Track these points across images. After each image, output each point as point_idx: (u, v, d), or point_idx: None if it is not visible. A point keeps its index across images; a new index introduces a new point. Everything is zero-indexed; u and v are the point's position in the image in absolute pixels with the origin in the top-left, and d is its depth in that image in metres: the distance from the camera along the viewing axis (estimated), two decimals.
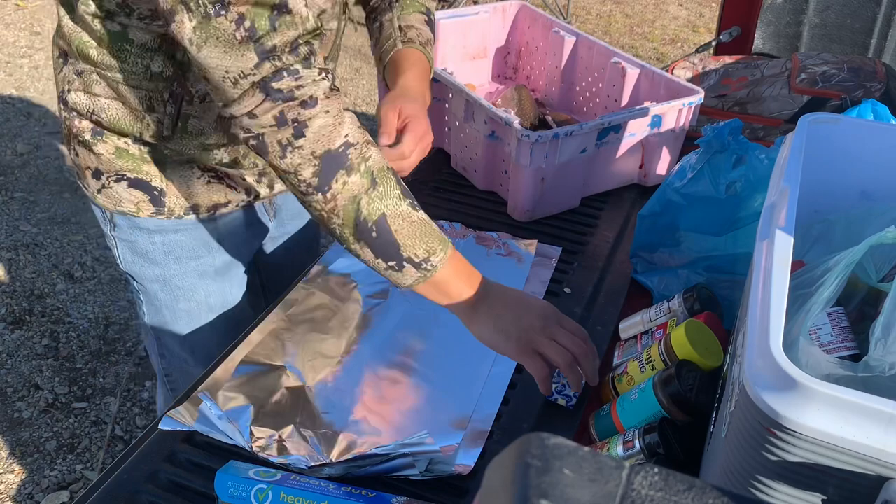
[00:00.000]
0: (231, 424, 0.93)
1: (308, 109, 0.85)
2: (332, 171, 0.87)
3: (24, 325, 2.46)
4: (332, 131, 0.87)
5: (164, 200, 1.13)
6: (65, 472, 2.04)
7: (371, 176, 0.88)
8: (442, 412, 0.98)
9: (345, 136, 0.87)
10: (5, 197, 3.02)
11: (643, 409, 0.91)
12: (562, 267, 1.26)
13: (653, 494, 0.32)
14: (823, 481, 0.58)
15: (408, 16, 1.22)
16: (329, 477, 0.89)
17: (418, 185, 1.48)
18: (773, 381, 0.58)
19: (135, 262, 1.20)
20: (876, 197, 0.93)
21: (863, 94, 1.45)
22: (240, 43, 0.81)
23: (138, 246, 1.17)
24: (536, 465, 0.32)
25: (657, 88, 1.46)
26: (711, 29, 4.75)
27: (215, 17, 0.80)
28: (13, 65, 3.92)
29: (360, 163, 0.88)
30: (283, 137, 0.86)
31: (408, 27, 1.21)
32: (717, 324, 1.01)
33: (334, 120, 0.87)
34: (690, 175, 1.14)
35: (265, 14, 0.81)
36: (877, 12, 1.84)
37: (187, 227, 1.17)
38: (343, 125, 0.87)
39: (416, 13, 1.23)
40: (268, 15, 0.81)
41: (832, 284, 0.72)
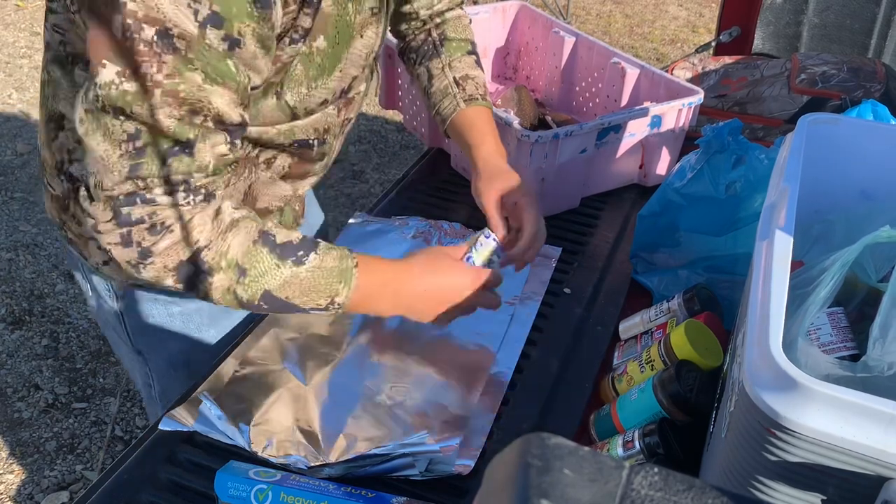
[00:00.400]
0: (231, 425, 0.93)
1: (155, 236, 0.79)
2: (193, 277, 0.83)
3: (24, 325, 2.46)
4: (178, 246, 0.81)
5: None
6: (65, 472, 2.04)
7: (236, 266, 0.83)
8: (442, 412, 0.98)
9: (195, 243, 0.81)
10: (5, 197, 3.02)
11: (643, 410, 0.91)
12: (562, 267, 1.26)
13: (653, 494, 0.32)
14: (823, 481, 0.58)
15: (458, 62, 1.17)
16: (329, 477, 0.89)
17: (418, 186, 1.48)
18: (773, 381, 0.58)
19: (149, 337, 1.12)
20: (876, 197, 0.94)
21: (862, 95, 1.45)
22: (119, 156, 0.75)
23: (154, 319, 1.10)
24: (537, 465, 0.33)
25: (657, 89, 1.46)
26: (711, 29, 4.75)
27: (111, 117, 0.74)
28: (13, 65, 3.92)
29: (220, 260, 0.82)
30: (129, 258, 0.81)
31: (463, 79, 1.16)
32: (717, 324, 1.01)
33: (181, 234, 0.80)
34: (690, 175, 1.14)
35: (163, 144, 0.75)
36: (876, 13, 1.84)
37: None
38: (191, 234, 0.81)
39: (464, 55, 1.18)
40: (165, 146, 0.76)
41: (829, 284, 0.72)
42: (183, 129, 0.75)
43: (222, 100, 0.76)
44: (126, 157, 0.75)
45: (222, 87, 0.76)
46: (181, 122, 0.75)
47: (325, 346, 1.07)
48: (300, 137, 0.98)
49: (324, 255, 0.88)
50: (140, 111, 0.73)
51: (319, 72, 0.91)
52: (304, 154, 1.02)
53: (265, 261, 0.84)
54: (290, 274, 0.85)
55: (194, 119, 0.76)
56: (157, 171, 0.77)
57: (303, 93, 0.91)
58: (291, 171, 1.04)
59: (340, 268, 0.88)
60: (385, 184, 3.14)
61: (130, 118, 0.74)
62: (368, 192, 3.15)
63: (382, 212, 1.40)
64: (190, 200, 0.80)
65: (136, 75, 0.72)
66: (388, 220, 1.36)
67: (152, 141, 0.75)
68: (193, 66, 0.73)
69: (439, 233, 1.31)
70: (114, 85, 0.72)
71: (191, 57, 0.72)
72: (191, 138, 0.76)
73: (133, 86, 0.72)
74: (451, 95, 1.15)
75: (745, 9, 2.02)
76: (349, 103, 1.03)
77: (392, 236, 1.30)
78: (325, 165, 1.10)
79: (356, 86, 1.01)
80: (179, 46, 0.71)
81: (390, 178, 3.20)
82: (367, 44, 0.97)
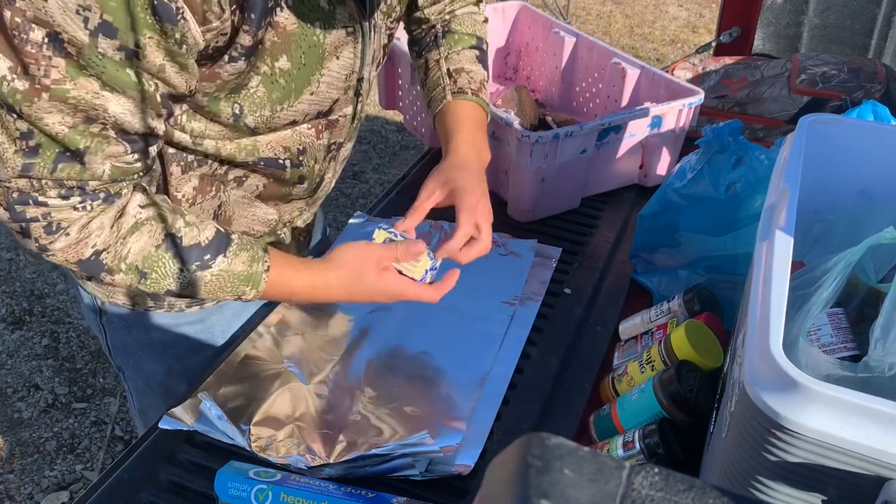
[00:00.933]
0: (231, 424, 0.93)
1: (50, 235, 0.79)
2: (95, 272, 0.83)
3: (24, 325, 2.46)
4: (76, 247, 0.80)
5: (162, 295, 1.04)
6: (65, 472, 2.04)
7: (136, 270, 0.83)
8: (442, 412, 0.98)
9: (92, 246, 0.81)
10: None
11: (643, 410, 0.91)
12: (562, 267, 1.26)
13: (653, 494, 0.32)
14: (823, 481, 0.58)
15: (457, 54, 1.12)
16: (329, 477, 0.89)
17: (418, 186, 1.48)
18: (773, 382, 0.58)
19: (127, 356, 1.11)
20: (876, 197, 0.94)
21: (863, 95, 1.45)
22: (14, 151, 0.73)
23: (132, 341, 1.08)
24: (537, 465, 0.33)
25: (657, 89, 1.46)
26: (711, 30, 4.75)
27: (6, 112, 0.71)
28: None
29: (119, 263, 0.82)
30: (30, 247, 0.80)
31: (457, 71, 1.10)
32: (717, 324, 1.02)
33: (77, 236, 0.79)
34: (690, 176, 1.14)
35: (54, 148, 0.74)
36: (877, 13, 1.84)
37: (190, 320, 1.08)
38: (89, 238, 0.80)
39: (465, 49, 1.12)
40: (56, 150, 0.74)
41: (831, 285, 0.72)
42: (74, 137, 0.73)
43: (121, 108, 0.74)
44: (20, 153, 0.73)
45: (122, 96, 0.73)
46: (73, 130, 0.73)
47: (325, 346, 1.07)
48: (266, 155, 0.93)
49: (233, 258, 0.87)
50: (29, 112, 0.71)
51: (284, 94, 0.86)
52: (276, 174, 0.97)
53: (167, 265, 0.84)
54: (193, 278, 0.85)
55: (90, 127, 0.73)
56: (49, 174, 0.75)
57: (265, 115, 0.87)
58: (267, 192, 1.00)
59: (249, 272, 0.87)
60: (385, 184, 3.14)
61: (21, 117, 0.72)
62: (368, 192, 3.15)
63: (382, 212, 1.39)
64: (86, 204, 0.78)
65: (25, 74, 0.69)
66: (388, 220, 1.35)
67: (44, 143, 0.73)
68: (88, 72, 0.70)
69: (440, 233, 1.31)
70: (5, 81, 0.69)
71: (83, 63, 0.69)
72: (80, 148, 0.74)
73: (23, 84, 0.69)
74: (441, 87, 1.10)
75: (746, 9, 2.02)
76: (332, 125, 0.98)
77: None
78: (308, 189, 1.05)
79: (339, 108, 0.97)
80: (71, 52, 0.68)
81: (390, 178, 3.20)
82: (346, 65, 0.92)
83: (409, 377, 1.03)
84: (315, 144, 0.98)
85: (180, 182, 0.92)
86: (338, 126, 1.00)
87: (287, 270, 0.90)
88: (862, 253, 0.72)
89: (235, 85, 0.83)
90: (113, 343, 1.10)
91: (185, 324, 1.07)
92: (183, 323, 1.07)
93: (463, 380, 1.03)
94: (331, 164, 1.05)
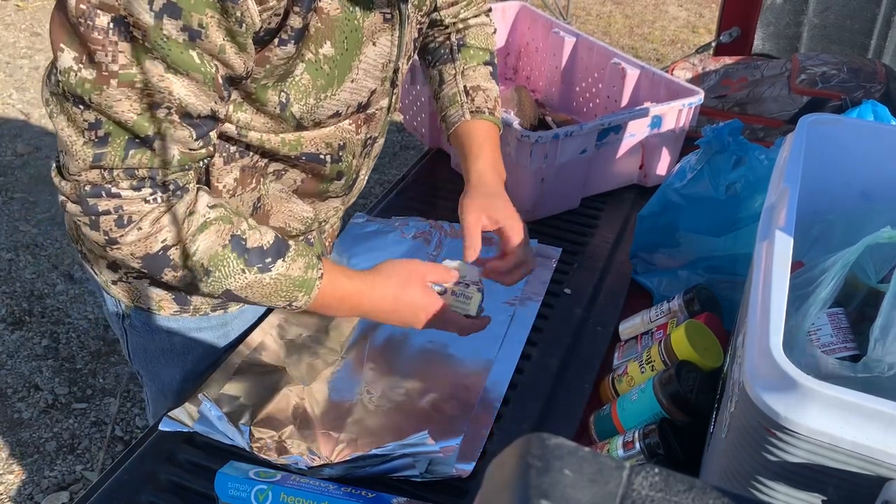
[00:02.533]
0: (231, 425, 0.93)
1: (122, 228, 0.79)
2: (159, 268, 0.83)
3: (24, 325, 2.46)
4: (146, 241, 0.81)
5: (190, 299, 1.04)
6: (65, 472, 2.04)
7: (202, 267, 0.84)
8: (442, 413, 0.98)
9: (162, 241, 0.81)
10: (5, 197, 3.02)
11: (643, 410, 0.91)
12: (562, 267, 1.26)
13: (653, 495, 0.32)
14: (823, 481, 0.58)
15: (472, 70, 1.14)
16: (329, 478, 0.89)
17: (418, 186, 1.48)
18: (773, 382, 0.58)
19: (146, 361, 1.11)
20: (876, 197, 0.94)
21: (863, 95, 1.45)
22: (83, 143, 0.74)
23: (153, 346, 1.08)
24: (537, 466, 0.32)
25: (657, 89, 1.46)
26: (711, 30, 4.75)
27: (72, 105, 0.73)
28: (13, 65, 3.92)
29: (185, 260, 0.83)
30: (97, 240, 0.81)
31: (474, 89, 1.13)
32: (717, 324, 1.01)
33: (149, 230, 0.80)
34: (690, 176, 1.14)
35: (124, 136, 0.75)
36: (876, 13, 1.84)
37: (212, 324, 1.08)
38: (160, 232, 0.81)
39: (480, 65, 1.15)
40: (126, 137, 0.75)
41: (829, 285, 0.72)
42: (143, 123, 0.74)
43: (185, 91, 0.74)
44: (89, 144, 0.74)
45: (186, 78, 0.74)
46: (141, 116, 0.73)
47: (326, 347, 1.07)
48: (308, 150, 0.94)
49: (291, 263, 0.88)
50: (99, 101, 0.72)
51: (328, 81, 0.87)
52: (316, 170, 0.98)
53: (231, 265, 0.85)
54: (253, 279, 0.86)
55: (157, 113, 0.74)
56: (120, 163, 0.76)
57: (310, 104, 0.87)
58: (305, 187, 1.01)
59: (304, 277, 0.89)
60: (385, 184, 3.14)
61: (90, 107, 0.72)
62: (368, 193, 3.14)
63: (382, 212, 1.40)
64: (157, 196, 0.79)
65: (92, 63, 0.70)
66: (388, 220, 1.36)
67: (113, 132, 0.74)
68: (153, 55, 0.71)
69: (440, 233, 1.31)
70: (72, 72, 0.71)
71: (149, 46, 0.70)
72: (150, 134, 0.75)
73: (91, 73, 0.70)
74: (459, 104, 1.12)
75: (746, 9, 2.02)
76: (370, 119, 0.99)
77: (392, 236, 1.30)
78: (345, 186, 1.06)
79: (376, 100, 0.97)
80: (136, 35, 0.69)
81: (390, 177, 3.20)
82: (382, 52, 0.92)
83: (410, 378, 1.03)
84: (354, 140, 0.99)
85: (222, 173, 0.93)
86: (374, 120, 1.01)
87: (339, 277, 0.92)
88: (859, 252, 0.72)
89: (283, 72, 0.83)
90: (134, 348, 1.11)
91: (206, 328, 1.08)
92: (204, 327, 1.08)
93: (463, 380, 1.03)
94: (365, 161, 1.07)
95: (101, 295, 1.08)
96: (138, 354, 1.11)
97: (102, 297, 1.08)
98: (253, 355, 1.05)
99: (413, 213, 1.37)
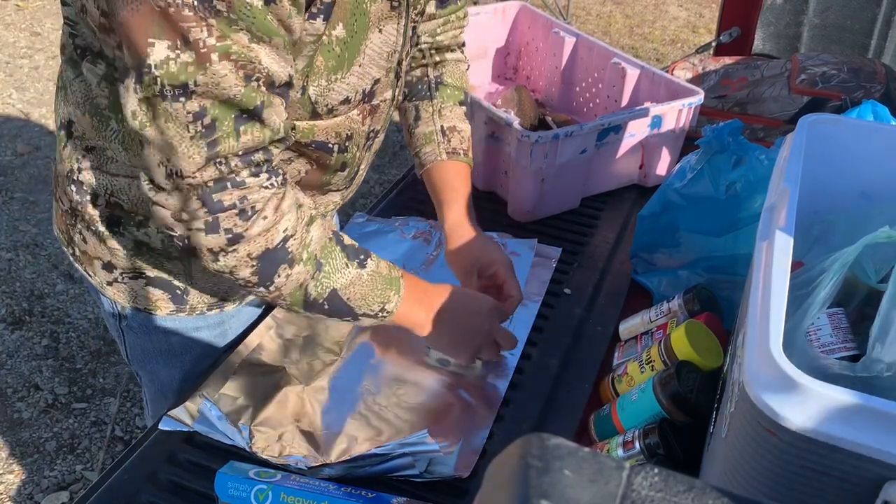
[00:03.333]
0: (230, 425, 0.93)
1: (246, 221, 0.78)
2: (273, 267, 0.82)
3: (24, 325, 2.46)
4: (270, 232, 0.80)
5: (186, 298, 1.03)
6: (65, 472, 2.04)
7: (315, 260, 0.84)
8: (442, 413, 0.98)
9: (283, 231, 0.81)
10: (5, 197, 3.02)
11: (643, 410, 0.91)
12: (562, 267, 1.26)
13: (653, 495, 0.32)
14: (823, 482, 0.58)
15: (449, 111, 1.15)
16: (329, 477, 0.89)
17: (418, 186, 1.48)
18: (773, 382, 0.58)
19: (145, 362, 1.11)
20: (876, 197, 0.94)
21: (863, 95, 1.45)
22: (191, 138, 0.72)
23: (150, 346, 1.08)
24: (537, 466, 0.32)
25: (657, 89, 1.46)
26: (711, 29, 4.75)
27: (171, 101, 0.71)
28: (13, 65, 3.92)
29: (302, 251, 0.83)
30: (214, 245, 0.79)
31: (450, 129, 1.14)
32: (717, 324, 1.01)
33: (273, 218, 0.80)
34: (690, 176, 1.14)
35: (231, 114, 0.73)
36: (877, 13, 1.84)
37: (209, 323, 1.08)
38: (282, 220, 0.81)
39: (456, 105, 1.16)
40: (234, 115, 0.73)
41: (828, 285, 0.72)
42: (250, 94, 0.73)
43: (270, 58, 0.74)
44: (198, 137, 0.73)
45: (268, 46, 0.73)
46: (247, 88, 0.72)
47: (325, 347, 1.07)
48: (319, 139, 0.94)
49: (378, 261, 0.91)
50: (205, 80, 0.70)
51: (339, 63, 0.86)
52: (322, 159, 0.98)
53: (337, 258, 0.86)
54: (355, 275, 0.87)
55: (253, 83, 0.73)
56: (235, 146, 0.75)
57: (322, 85, 0.87)
58: (309, 178, 1.00)
59: (391, 276, 0.92)
60: (385, 184, 3.15)
61: (192, 95, 0.71)
62: (368, 192, 3.15)
63: (382, 212, 1.40)
64: (273, 181, 0.79)
65: (188, 45, 0.68)
66: (389, 220, 1.36)
67: (220, 115, 0.73)
68: (238, 25, 0.70)
69: (440, 233, 1.31)
70: (171, 61, 0.69)
71: (234, 17, 0.69)
72: (258, 105, 0.74)
73: (191, 55, 0.69)
74: (435, 143, 1.13)
75: (746, 9, 2.02)
76: (374, 111, 0.99)
77: (392, 236, 1.30)
78: (347, 179, 1.05)
79: (380, 91, 0.97)
80: (221, 8, 0.68)
81: (390, 177, 3.20)
82: (388, 41, 0.92)
83: (409, 378, 1.03)
84: (360, 130, 1.00)
85: None
86: (378, 112, 1.01)
87: (410, 276, 0.96)
88: (858, 252, 0.72)
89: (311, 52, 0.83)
90: (131, 348, 1.11)
91: (203, 327, 1.08)
92: (202, 326, 1.07)
93: (463, 380, 1.03)
94: (366, 154, 1.07)
95: (97, 297, 1.07)
96: (136, 355, 1.11)
97: (98, 299, 1.08)
98: (252, 355, 1.05)
99: (413, 213, 1.37)
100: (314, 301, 0.86)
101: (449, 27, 1.16)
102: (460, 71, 1.19)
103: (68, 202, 0.98)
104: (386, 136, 1.11)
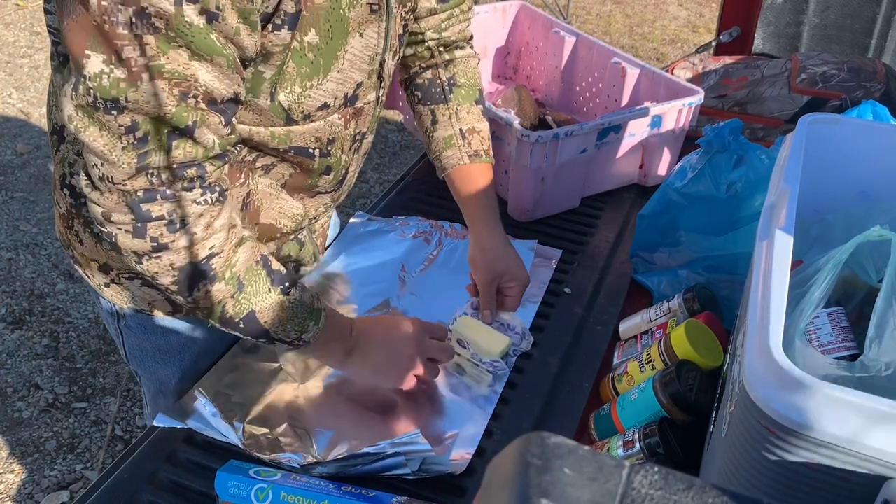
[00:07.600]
0: (224, 422, 0.93)
1: (174, 233, 0.79)
2: (194, 281, 0.82)
3: (24, 325, 2.46)
4: (196, 247, 0.80)
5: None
6: (65, 472, 2.04)
7: (237, 281, 0.84)
8: (436, 412, 0.98)
9: (210, 248, 0.81)
10: (5, 197, 3.02)
11: (643, 409, 0.91)
12: (562, 267, 1.26)
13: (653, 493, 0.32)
14: (823, 481, 0.58)
15: (465, 112, 1.15)
16: (321, 475, 0.89)
17: (418, 186, 1.48)
18: (772, 381, 0.58)
19: (143, 361, 1.11)
20: (875, 197, 0.94)
21: (863, 95, 1.45)
22: (122, 148, 0.73)
23: (149, 345, 1.08)
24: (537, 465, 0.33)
25: (657, 89, 1.46)
26: (711, 29, 4.75)
27: (104, 112, 0.72)
28: (13, 65, 3.92)
29: (225, 271, 0.83)
30: (139, 248, 0.79)
31: (470, 132, 1.14)
32: (717, 324, 1.02)
33: (202, 234, 0.80)
34: (691, 175, 1.14)
35: (163, 130, 0.74)
36: (877, 13, 1.84)
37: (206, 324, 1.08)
38: (211, 238, 0.81)
39: (472, 105, 1.16)
40: (166, 131, 0.74)
41: (822, 284, 0.72)
42: (181, 114, 0.74)
43: (210, 76, 0.74)
44: (129, 148, 0.74)
45: (209, 63, 0.73)
46: (178, 108, 0.73)
47: None
48: (297, 144, 0.94)
49: (302, 291, 0.90)
50: (136, 97, 0.71)
51: (313, 70, 0.86)
52: (304, 163, 0.98)
53: (261, 281, 0.86)
54: (276, 300, 0.87)
55: (188, 101, 0.74)
56: (164, 160, 0.75)
57: (296, 92, 0.87)
58: (294, 182, 1.00)
59: (313, 307, 0.91)
60: (385, 183, 3.14)
61: (124, 110, 0.72)
62: (368, 192, 3.15)
63: (382, 212, 1.40)
64: (207, 198, 0.79)
65: (121, 61, 0.69)
66: (389, 220, 1.36)
67: (151, 130, 0.74)
68: (178, 43, 0.70)
69: (440, 233, 1.31)
70: (104, 75, 0.70)
71: (172, 35, 0.70)
72: (189, 124, 0.75)
73: (123, 72, 0.70)
74: (456, 146, 1.14)
75: (746, 9, 2.02)
76: (358, 114, 0.99)
77: (392, 236, 1.31)
78: (334, 181, 1.05)
79: (363, 94, 0.97)
80: (159, 25, 0.69)
81: (390, 177, 3.20)
82: (369, 44, 0.92)
83: None
84: (343, 134, 0.99)
85: None
86: (363, 114, 1.01)
87: (337, 313, 0.96)
88: (851, 250, 0.72)
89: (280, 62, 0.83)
90: (130, 348, 1.11)
91: (201, 327, 1.08)
92: (200, 326, 1.08)
93: (459, 379, 1.03)
94: (354, 157, 1.06)
95: (96, 298, 1.08)
96: (135, 355, 1.11)
97: (97, 300, 1.08)
98: (248, 354, 1.05)
99: (413, 213, 1.37)
100: (230, 319, 0.87)
101: (454, 21, 1.15)
102: (472, 68, 1.18)
103: (64, 205, 0.99)
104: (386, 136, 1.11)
